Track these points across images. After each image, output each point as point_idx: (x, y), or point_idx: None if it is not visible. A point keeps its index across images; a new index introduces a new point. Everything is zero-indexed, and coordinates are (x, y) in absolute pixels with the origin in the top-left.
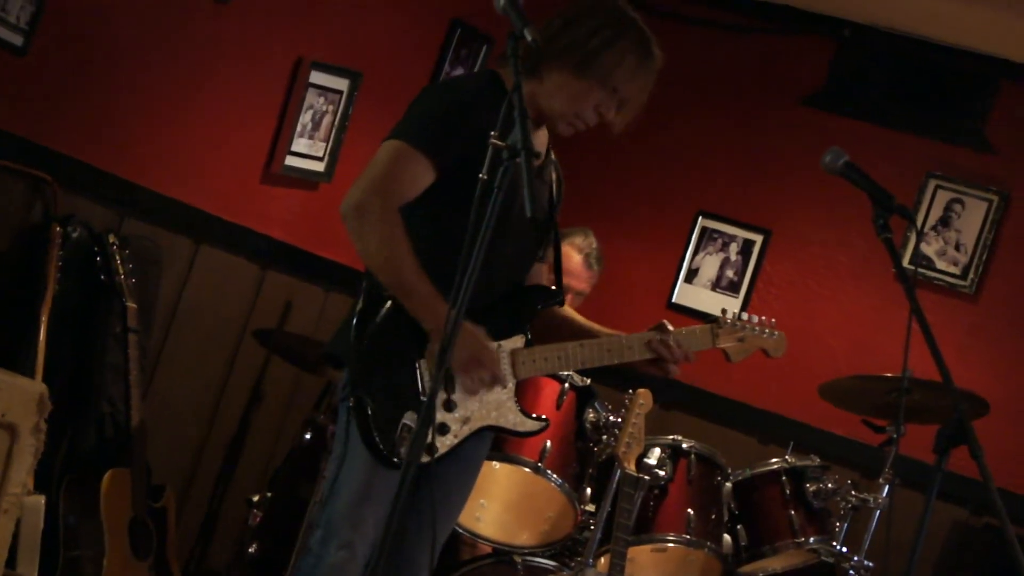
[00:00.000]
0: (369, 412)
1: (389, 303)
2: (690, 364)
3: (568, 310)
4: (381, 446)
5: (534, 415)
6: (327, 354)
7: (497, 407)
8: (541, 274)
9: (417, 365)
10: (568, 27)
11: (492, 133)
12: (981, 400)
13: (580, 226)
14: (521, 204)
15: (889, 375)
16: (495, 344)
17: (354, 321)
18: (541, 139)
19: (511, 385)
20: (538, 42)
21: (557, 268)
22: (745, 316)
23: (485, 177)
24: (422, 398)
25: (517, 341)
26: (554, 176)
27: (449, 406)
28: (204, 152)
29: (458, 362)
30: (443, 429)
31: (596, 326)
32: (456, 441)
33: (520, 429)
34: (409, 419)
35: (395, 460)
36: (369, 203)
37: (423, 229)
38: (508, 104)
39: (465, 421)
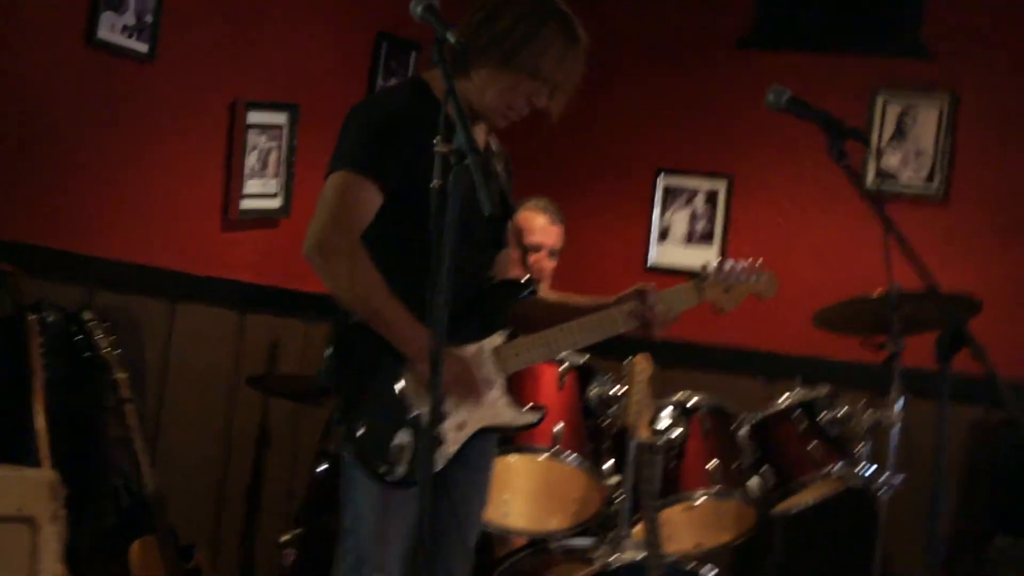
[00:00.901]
0: (360, 437)
1: (360, 336)
2: (678, 322)
3: (543, 295)
4: (379, 469)
5: (530, 406)
6: (322, 386)
7: (491, 407)
8: (508, 262)
9: (399, 383)
10: (490, 20)
11: (436, 140)
12: (973, 300)
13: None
14: (475, 204)
15: (877, 293)
16: (475, 346)
17: (330, 351)
18: (480, 134)
19: (500, 382)
20: (462, 43)
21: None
22: (728, 265)
23: (439, 183)
24: (407, 415)
25: (497, 338)
26: (501, 165)
27: (442, 417)
28: (159, 211)
29: (449, 379)
30: (437, 437)
31: (576, 300)
32: (456, 448)
33: (518, 424)
34: (401, 438)
35: (398, 480)
36: (329, 240)
37: (381, 249)
38: (445, 106)
39: (460, 427)
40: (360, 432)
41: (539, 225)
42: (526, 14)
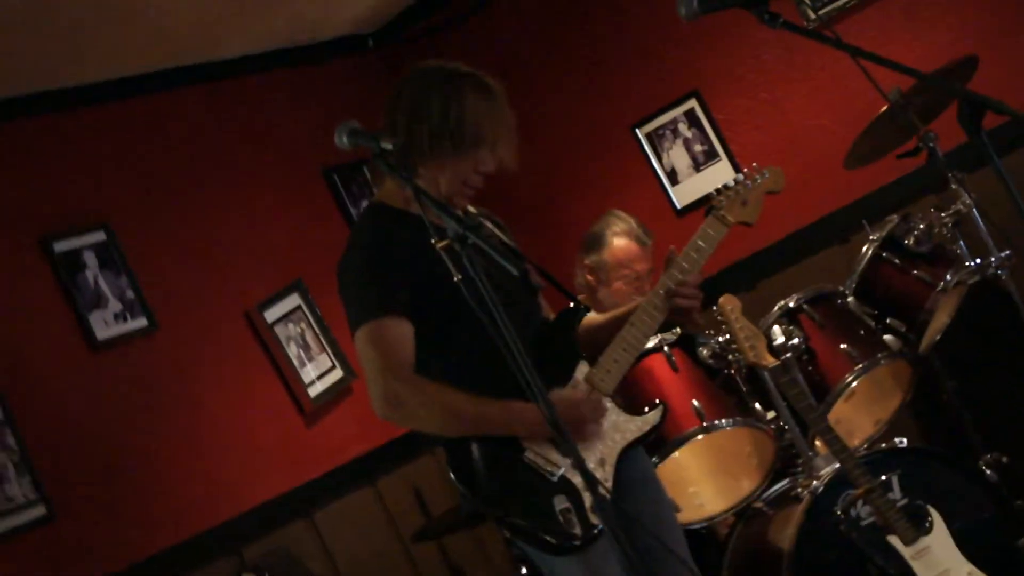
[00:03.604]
0: (527, 528)
1: (465, 442)
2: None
3: (590, 316)
4: (562, 542)
5: (646, 408)
6: (469, 513)
7: (616, 429)
8: (545, 303)
9: (527, 459)
10: (417, 115)
11: (432, 240)
12: (966, 60)
13: (602, 215)
14: (499, 271)
15: (883, 108)
16: (568, 387)
17: (452, 476)
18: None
19: (610, 403)
20: (399, 143)
21: (558, 286)
22: (731, 181)
23: (459, 277)
24: (552, 478)
25: (583, 368)
26: (490, 224)
27: (584, 462)
28: (247, 455)
29: (570, 429)
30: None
31: (619, 309)
32: (610, 481)
33: (648, 428)
34: (560, 503)
35: (584, 540)
36: (391, 390)
37: (441, 366)
38: (422, 207)
39: (602, 463)
40: (524, 524)
41: (631, 255)
42: (447, 93)
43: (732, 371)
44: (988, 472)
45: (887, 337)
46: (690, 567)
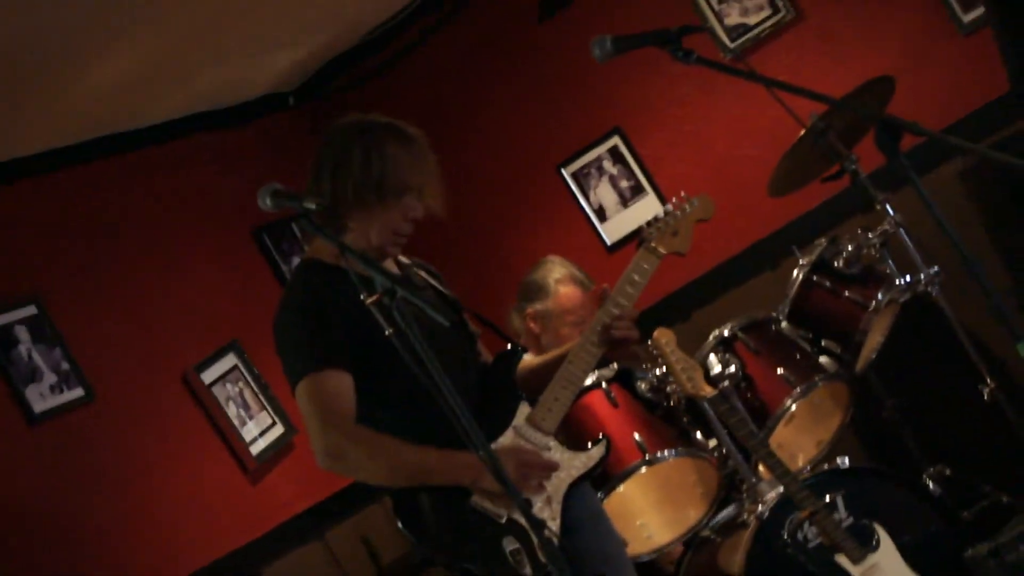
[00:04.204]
0: (479, 573)
1: (411, 490)
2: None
3: (528, 358)
4: None
5: (589, 443)
6: (420, 559)
7: (562, 467)
8: (483, 349)
9: (474, 504)
10: (340, 170)
11: (361, 296)
12: (883, 80)
13: (538, 262)
14: (430, 322)
15: (802, 133)
16: (509, 430)
17: (401, 526)
18: (388, 265)
19: (552, 442)
20: (324, 204)
21: (496, 330)
22: (661, 213)
23: (390, 330)
24: (500, 520)
25: (524, 409)
26: (424, 273)
27: (528, 505)
28: (193, 516)
29: (513, 479)
30: (540, 524)
31: (555, 350)
32: (558, 519)
33: (592, 463)
34: (508, 545)
35: None
36: (332, 442)
37: (380, 417)
38: (348, 263)
39: (548, 500)
40: (473, 568)
41: (574, 303)
42: (367, 145)
43: (672, 403)
44: (932, 486)
45: (823, 359)
46: None
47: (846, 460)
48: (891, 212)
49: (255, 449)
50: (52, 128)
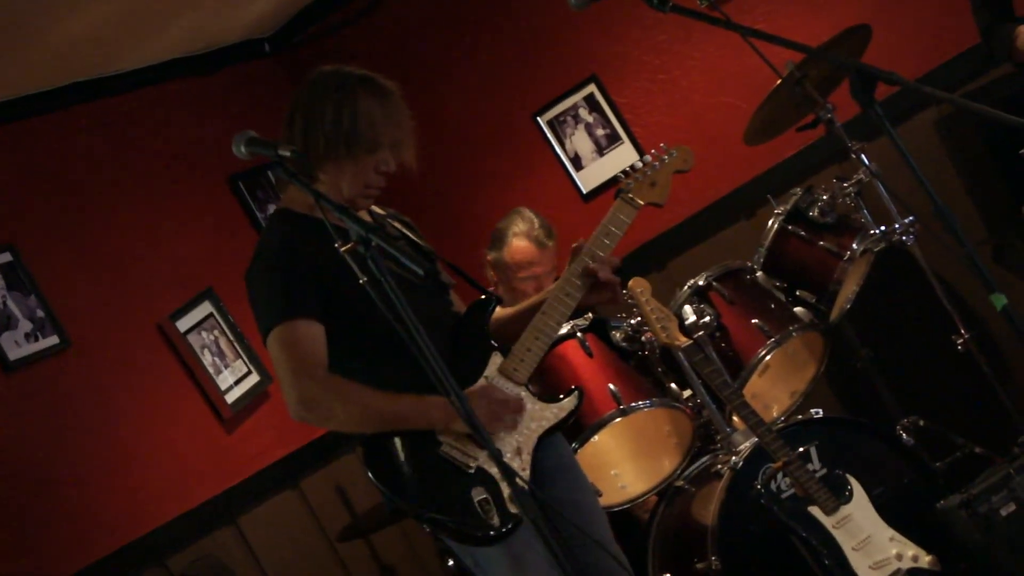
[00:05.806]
0: (447, 522)
1: (382, 439)
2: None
3: (501, 309)
4: (482, 532)
5: (562, 395)
6: (392, 509)
7: (532, 417)
8: (457, 299)
9: (443, 453)
10: (313, 121)
11: (336, 244)
12: (859, 28)
13: (511, 211)
14: (406, 271)
15: (778, 82)
16: (481, 379)
17: (369, 474)
18: (363, 215)
19: (525, 392)
20: (298, 151)
21: (470, 280)
22: (639, 163)
23: (364, 278)
24: (469, 470)
25: (496, 359)
26: (398, 224)
27: (499, 454)
28: (168, 465)
29: (484, 421)
30: (512, 472)
31: (531, 299)
32: (528, 470)
33: (564, 414)
34: (477, 494)
35: (501, 530)
36: (304, 392)
37: (354, 365)
38: (323, 212)
39: (519, 451)
40: (441, 518)
41: (527, 256)
42: (339, 99)
43: (646, 353)
44: (905, 437)
45: (797, 309)
46: (611, 551)
47: (820, 411)
48: (866, 161)
49: (230, 397)
50: (25, 75)
